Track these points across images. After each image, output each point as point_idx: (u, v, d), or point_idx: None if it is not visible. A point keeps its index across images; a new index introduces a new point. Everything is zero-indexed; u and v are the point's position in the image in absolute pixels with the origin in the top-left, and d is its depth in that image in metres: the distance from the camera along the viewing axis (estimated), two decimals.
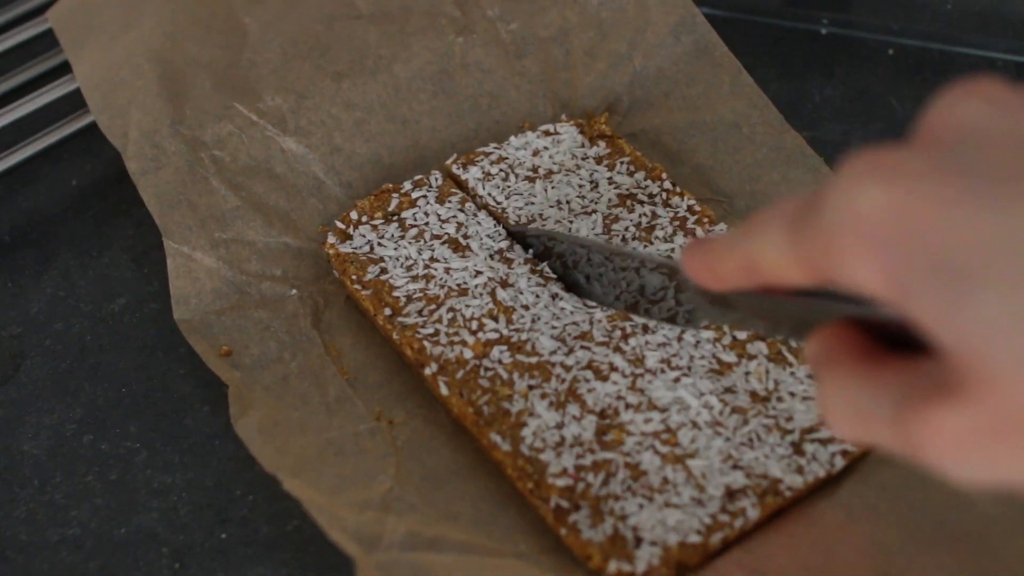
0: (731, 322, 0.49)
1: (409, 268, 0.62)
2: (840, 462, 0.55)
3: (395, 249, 0.63)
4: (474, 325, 0.60)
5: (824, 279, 0.39)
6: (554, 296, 0.61)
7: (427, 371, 0.59)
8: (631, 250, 0.56)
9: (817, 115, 0.74)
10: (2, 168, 0.70)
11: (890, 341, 0.40)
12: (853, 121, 0.74)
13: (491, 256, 0.63)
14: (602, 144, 0.68)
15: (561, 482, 0.54)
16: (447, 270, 0.62)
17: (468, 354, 0.59)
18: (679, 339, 0.59)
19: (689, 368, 0.58)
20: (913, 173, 0.36)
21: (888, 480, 0.54)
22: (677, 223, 0.64)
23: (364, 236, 0.64)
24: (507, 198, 0.66)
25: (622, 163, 0.67)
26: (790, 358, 0.58)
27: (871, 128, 0.73)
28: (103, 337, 0.66)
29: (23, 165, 0.71)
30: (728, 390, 0.57)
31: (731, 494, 0.54)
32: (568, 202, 0.65)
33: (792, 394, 0.57)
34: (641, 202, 0.65)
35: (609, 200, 0.65)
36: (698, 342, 0.59)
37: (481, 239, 0.64)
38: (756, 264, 0.42)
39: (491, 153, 0.68)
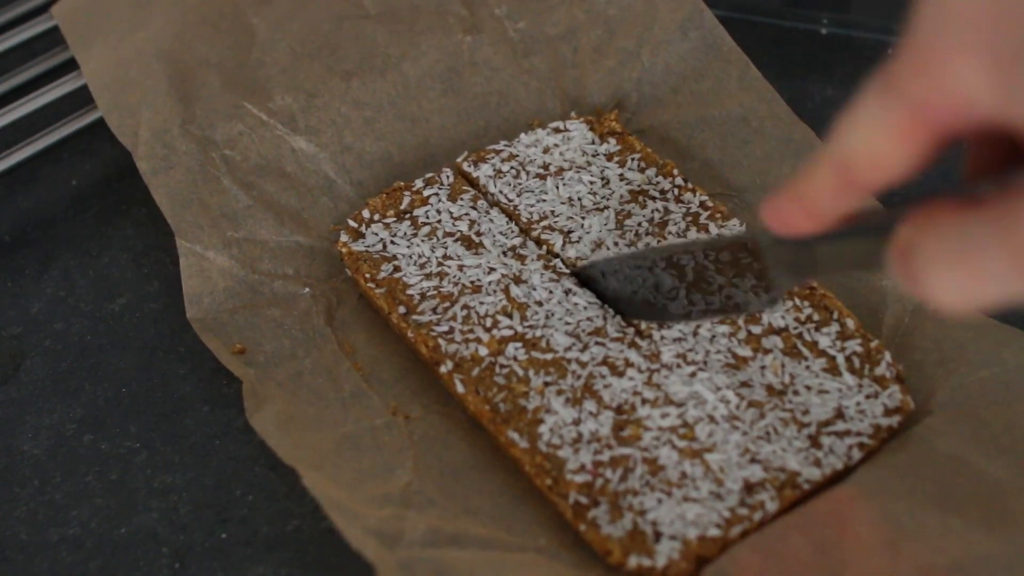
0: (813, 279, 0.47)
1: (422, 266, 0.61)
2: (857, 454, 0.54)
3: (408, 247, 0.62)
4: (488, 322, 0.59)
5: (935, 132, 0.36)
6: (567, 292, 0.60)
7: (442, 369, 0.58)
8: (690, 241, 0.54)
9: (817, 115, 0.73)
10: (2, 168, 0.69)
11: None
12: None
13: (504, 253, 0.62)
14: (612, 141, 0.67)
15: (579, 478, 0.53)
16: (460, 267, 0.61)
17: (483, 351, 0.58)
18: (694, 334, 0.58)
19: (705, 363, 0.57)
20: None
21: (901, 461, 0.54)
22: (689, 219, 0.63)
23: (376, 234, 0.63)
24: (519, 195, 0.64)
25: (633, 160, 0.66)
26: (805, 352, 0.57)
27: None
28: (103, 337, 0.65)
29: (23, 165, 0.70)
30: (744, 384, 0.56)
31: (749, 487, 0.53)
32: (580, 199, 0.64)
33: (808, 387, 0.56)
34: (653, 198, 0.64)
35: (621, 196, 0.64)
36: (713, 336, 0.58)
37: (494, 236, 0.62)
38: (853, 161, 0.39)
39: (502, 151, 0.67)
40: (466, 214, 0.64)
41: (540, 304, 0.59)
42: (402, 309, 0.60)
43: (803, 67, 0.76)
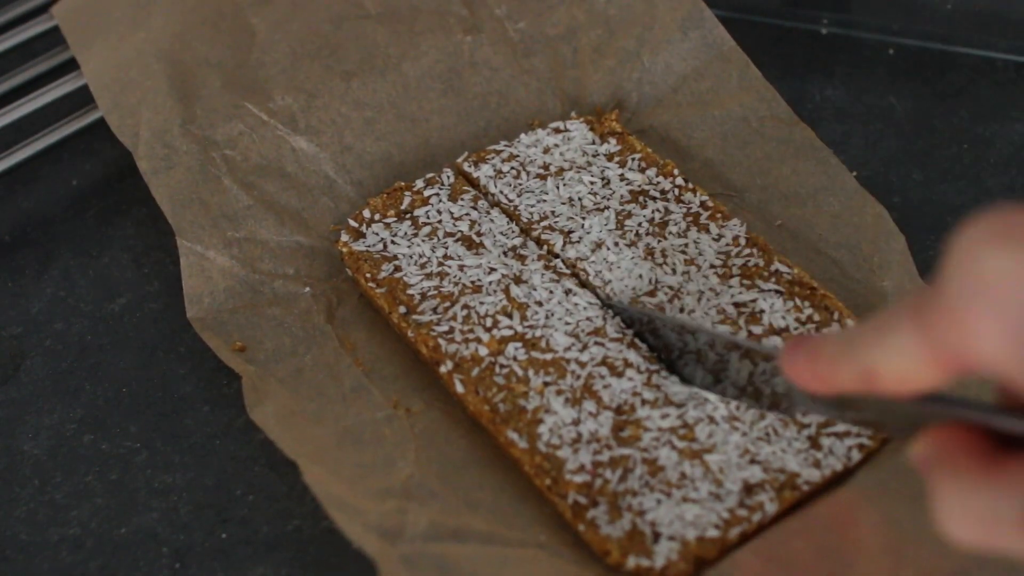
0: (832, 417, 0.47)
1: (423, 266, 0.61)
2: (857, 455, 0.54)
3: (408, 247, 0.62)
4: (488, 322, 0.58)
5: (959, 370, 0.38)
6: (567, 292, 0.59)
7: (442, 369, 0.57)
8: (734, 337, 0.53)
9: (817, 115, 0.73)
10: (2, 168, 0.69)
11: (1008, 447, 0.39)
12: (853, 121, 0.72)
13: (504, 253, 0.61)
14: (612, 141, 0.66)
15: (579, 478, 0.53)
16: (461, 267, 0.61)
17: (483, 351, 0.57)
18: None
19: None
20: None
21: (902, 463, 0.53)
22: (690, 219, 0.62)
23: (377, 234, 0.63)
24: (519, 196, 0.64)
25: (633, 160, 0.65)
26: None
27: (871, 128, 0.72)
28: (103, 337, 0.64)
29: (23, 165, 0.69)
30: None
31: (749, 488, 0.53)
32: (580, 199, 0.64)
33: None
34: (653, 198, 0.64)
35: (621, 197, 0.64)
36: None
37: (494, 236, 0.62)
38: (877, 373, 0.40)
39: (502, 151, 0.66)
40: (467, 214, 0.63)
41: (540, 304, 0.59)
42: (402, 309, 0.59)
43: (803, 67, 0.76)
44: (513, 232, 0.62)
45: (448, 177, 0.65)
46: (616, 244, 0.61)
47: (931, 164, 0.70)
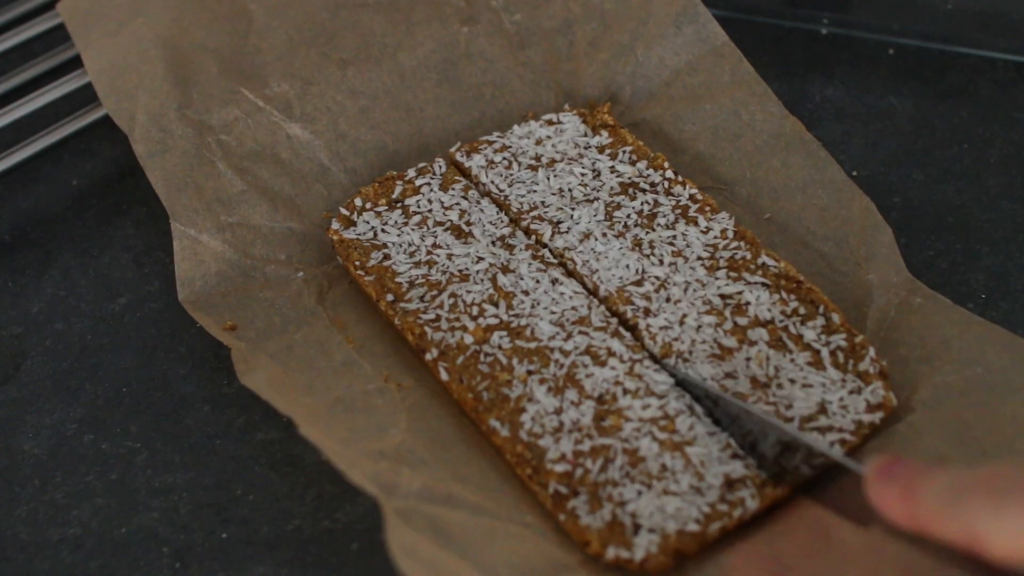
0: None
1: (412, 254, 0.60)
2: (838, 451, 0.52)
3: (398, 235, 0.61)
4: (475, 311, 0.58)
5: None
6: (554, 281, 0.59)
7: (428, 357, 0.57)
8: (807, 439, 0.51)
9: (817, 115, 0.72)
10: (2, 168, 0.68)
11: None
12: (853, 121, 0.72)
13: (493, 243, 0.61)
14: (604, 133, 0.66)
15: (559, 468, 0.52)
16: (449, 256, 0.60)
17: (468, 339, 0.57)
18: (680, 323, 0.56)
19: (690, 353, 0.55)
20: None
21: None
22: (679, 211, 0.62)
23: (368, 222, 0.62)
24: (510, 186, 0.63)
25: (624, 152, 0.65)
26: (790, 345, 0.56)
27: (871, 128, 0.71)
28: (103, 337, 0.64)
29: (23, 165, 0.69)
30: (728, 375, 0.55)
31: (730, 484, 0.52)
32: (570, 191, 0.63)
33: (792, 381, 0.55)
34: (643, 191, 0.63)
35: (611, 189, 0.63)
36: (700, 327, 0.56)
37: (484, 226, 0.61)
38: (986, 540, 0.37)
39: (495, 142, 0.66)
40: (457, 204, 0.62)
41: (527, 293, 0.58)
42: (390, 296, 0.59)
43: (803, 67, 0.75)
44: (502, 222, 0.62)
45: (440, 167, 0.64)
46: (604, 235, 0.60)
47: (931, 164, 0.69)
